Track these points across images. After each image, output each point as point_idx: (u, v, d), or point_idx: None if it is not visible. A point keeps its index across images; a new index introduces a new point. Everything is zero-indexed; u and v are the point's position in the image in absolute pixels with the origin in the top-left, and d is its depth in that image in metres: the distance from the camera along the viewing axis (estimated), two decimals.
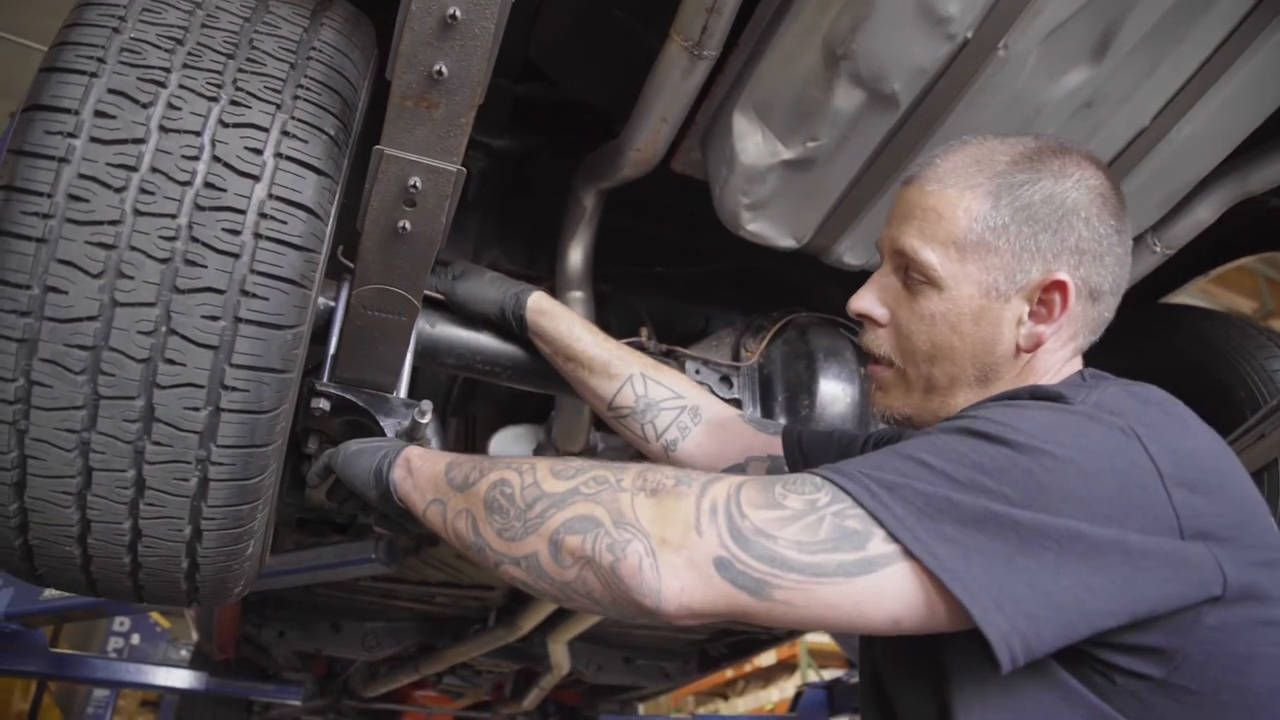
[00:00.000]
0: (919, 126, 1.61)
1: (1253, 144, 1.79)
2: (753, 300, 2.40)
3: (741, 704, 11.56)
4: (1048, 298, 1.11)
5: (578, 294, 2.05)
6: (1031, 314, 1.12)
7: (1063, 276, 1.09)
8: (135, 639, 8.98)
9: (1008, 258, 1.10)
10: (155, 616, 8.90)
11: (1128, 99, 1.64)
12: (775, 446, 1.56)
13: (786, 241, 1.83)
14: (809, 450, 1.53)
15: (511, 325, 1.68)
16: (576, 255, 2.05)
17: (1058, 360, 1.15)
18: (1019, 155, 1.13)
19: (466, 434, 2.38)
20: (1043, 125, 1.63)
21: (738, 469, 1.55)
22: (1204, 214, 1.95)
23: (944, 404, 1.16)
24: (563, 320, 1.66)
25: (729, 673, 10.30)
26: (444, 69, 1.10)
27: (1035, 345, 1.12)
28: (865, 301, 1.21)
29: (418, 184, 1.18)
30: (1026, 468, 0.89)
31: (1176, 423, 0.99)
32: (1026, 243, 1.10)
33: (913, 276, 1.15)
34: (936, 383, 1.16)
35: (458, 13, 1.06)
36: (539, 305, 1.66)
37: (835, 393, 1.94)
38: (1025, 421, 0.94)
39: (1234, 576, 0.89)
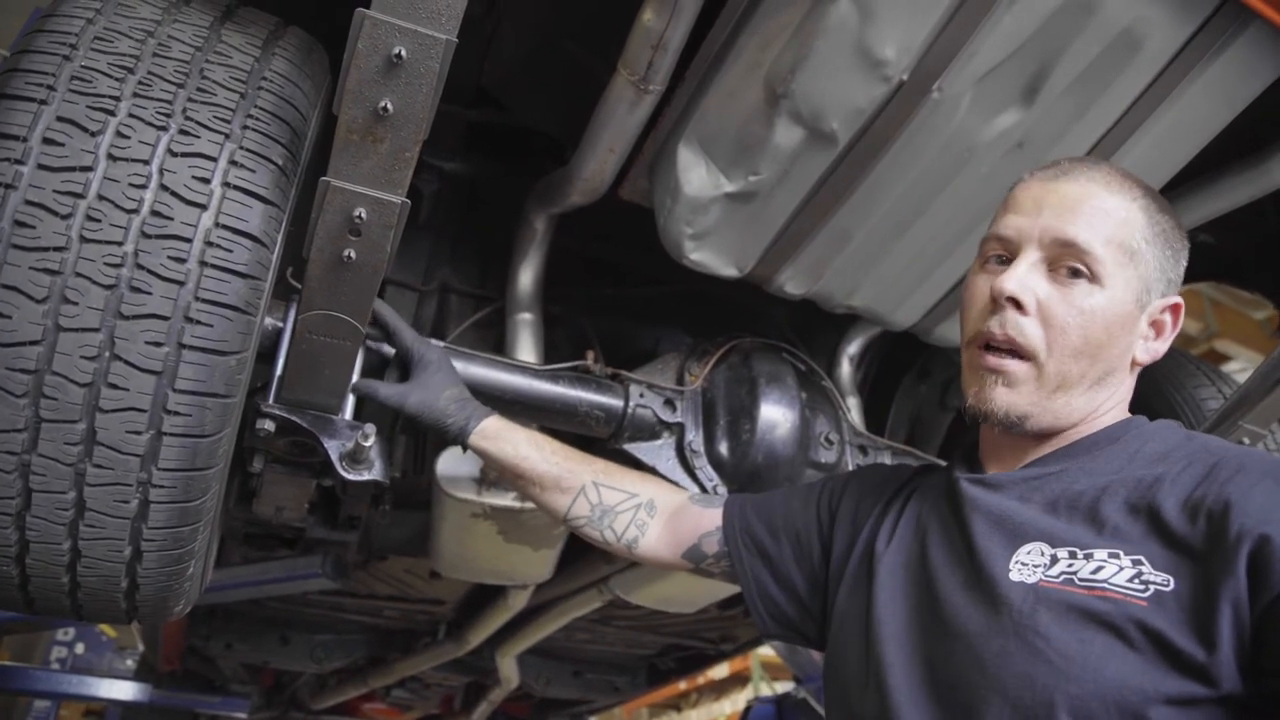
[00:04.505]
0: (857, 164, 1.66)
1: (1178, 184, 1.86)
2: (702, 322, 2.44)
3: (695, 716, 11.59)
4: (1162, 318, 1.17)
5: (527, 315, 2.08)
6: (1145, 333, 1.18)
7: (1179, 300, 1.16)
8: (80, 648, 8.82)
9: (1152, 270, 1.15)
10: (101, 626, 8.77)
11: (1058, 140, 1.70)
12: (719, 517, 1.58)
13: (729, 270, 1.88)
14: (748, 521, 1.55)
15: (451, 443, 1.68)
16: (527, 277, 2.09)
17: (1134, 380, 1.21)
18: (1146, 184, 1.20)
19: (415, 451, 2.40)
20: (976, 164, 1.69)
21: (695, 550, 1.58)
22: None
23: (1065, 404, 1.16)
24: (508, 442, 1.63)
25: (682, 685, 10.33)
26: (389, 105, 1.13)
27: (1151, 361, 1.17)
28: (1017, 284, 1.14)
29: (363, 214, 1.21)
30: None
31: None
32: (1164, 262, 1.16)
33: (1074, 267, 1.13)
34: (1069, 380, 1.15)
35: (403, 52, 1.09)
36: (484, 431, 1.62)
37: (776, 418, 1.98)
38: None
39: None
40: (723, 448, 1.99)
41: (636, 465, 2.00)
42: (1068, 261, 1.13)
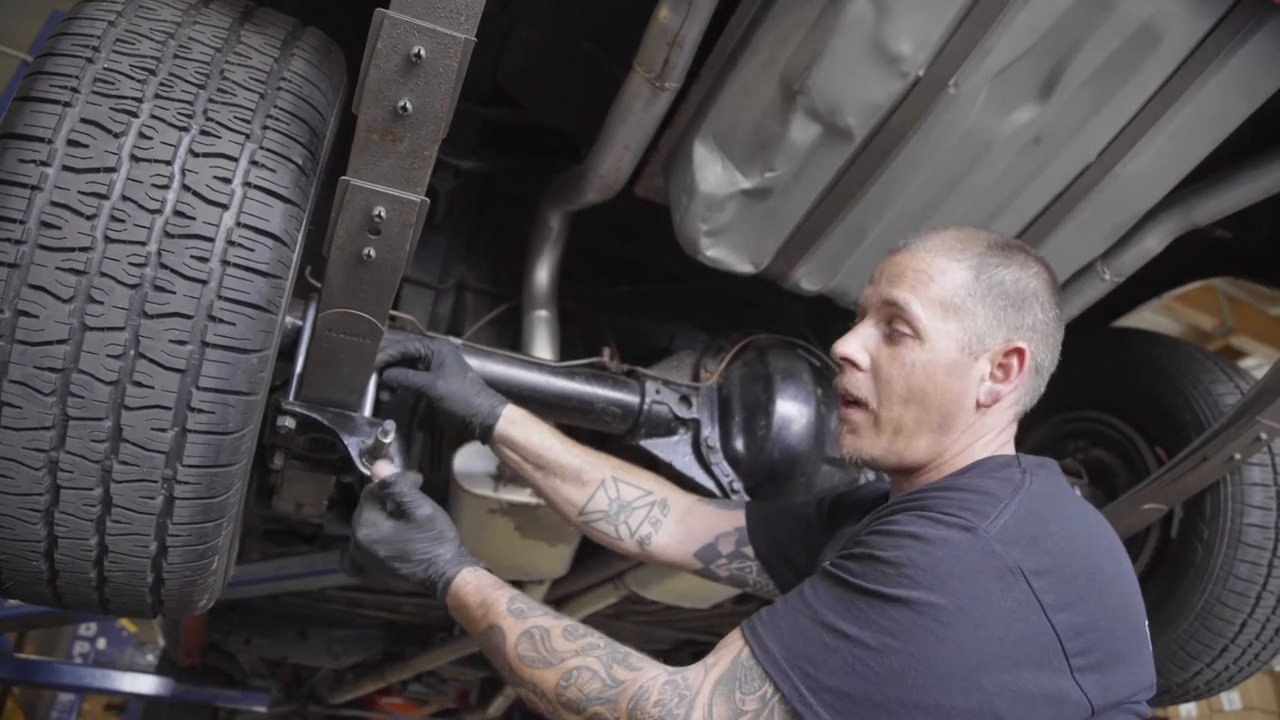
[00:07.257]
0: (873, 159, 1.67)
1: (1196, 178, 1.85)
2: (717, 319, 2.44)
3: None
4: (1007, 361, 1.28)
5: (543, 312, 2.09)
6: (991, 374, 1.28)
7: (1023, 344, 1.27)
8: (101, 643, 8.88)
9: (980, 322, 1.27)
10: (123, 621, 8.82)
11: (1075, 135, 1.70)
12: (739, 519, 1.66)
13: (744, 267, 1.88)
14: (770, 525, 1.64)
15: (476, 434, 1.71)
16: (542, 274, 2.10)
17: (1002, 420, 1.32)
18: (994, 243, 1.31)
19: (432, 449, 2.41)
20: (993, 159, 1.69)
21: (709, 549, 1.66)
22: (1151, 244, 2.02)
23: (907, 446, 1.30)
24: (534, 430, 1.70)
25: None
26: (408, 105, 1.13)
27: (993, 401, 1.28)
28: (851, 346, 1.33)
29: (382, 213, 1.21)
30: (923, 638, 1.03)
31: (1067, 535, 1.12)
32: (997, 313, 1.27)
33: (897, 329, 1.29)
34: (904, 426, 1.29)
35: (422, 52, 1.10)
36: (511, 416, 1.70)
37: (791, 414, 1.99)
38: (929, 570, 1.06)
39: (1099, 699, 1.05)
40: (739, 443, 2.00)
41: (652, 461, 2.01)
42: (894, 322, 1.30)
